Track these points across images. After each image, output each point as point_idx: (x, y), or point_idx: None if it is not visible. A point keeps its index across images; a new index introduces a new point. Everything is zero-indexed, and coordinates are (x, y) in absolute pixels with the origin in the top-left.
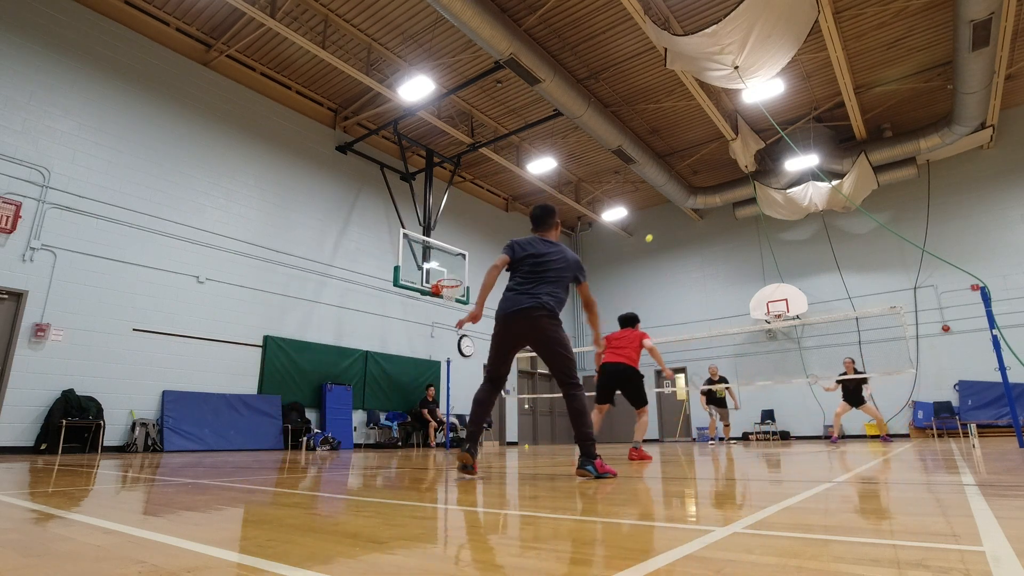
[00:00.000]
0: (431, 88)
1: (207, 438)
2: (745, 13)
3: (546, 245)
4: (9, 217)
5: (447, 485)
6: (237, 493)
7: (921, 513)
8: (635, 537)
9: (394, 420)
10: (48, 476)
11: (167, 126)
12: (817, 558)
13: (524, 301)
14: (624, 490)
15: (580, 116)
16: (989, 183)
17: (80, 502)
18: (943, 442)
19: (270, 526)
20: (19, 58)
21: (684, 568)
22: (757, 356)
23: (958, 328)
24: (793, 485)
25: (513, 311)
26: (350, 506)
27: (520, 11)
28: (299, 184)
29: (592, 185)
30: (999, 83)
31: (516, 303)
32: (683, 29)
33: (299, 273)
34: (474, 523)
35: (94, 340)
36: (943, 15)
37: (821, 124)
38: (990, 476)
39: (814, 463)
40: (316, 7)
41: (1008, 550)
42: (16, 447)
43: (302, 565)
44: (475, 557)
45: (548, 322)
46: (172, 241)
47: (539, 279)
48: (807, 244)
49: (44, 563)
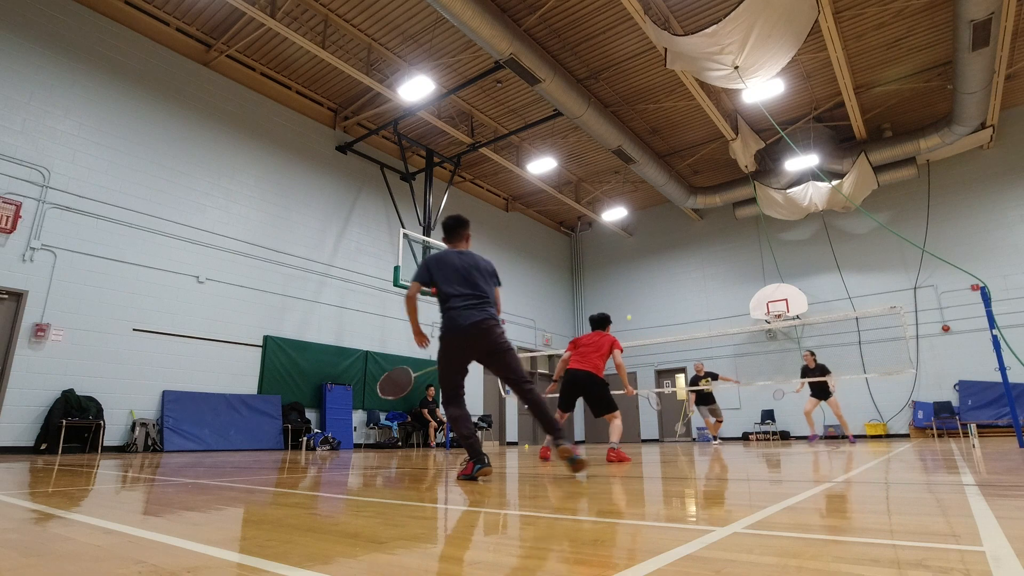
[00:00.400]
0: (431, 88)
1: (207, 438)
2: (745, 13)
3: (461, 256)
4: (9, 217)
5: (447, 485)
6: (237, 493)
7: (921, 513)
8: (635, 537)
9: (394, 420)
10: (48, 476)
11: (167, 126)
12: (817, 558)
13: (474, 315)
14: (624, 490)
15: (580, 116)
16: (989, 183)
17: (80, 502)
18: (943, 442)
19: (270, 526)
20: (19, 58)
21: (684, 568)
22: (757, 356)
23: (958, 328)
24: (793, 485)
25: (468, 325)
26: (350, 506)
27: (520, 11)
28: (299, 184)
29: (592, 185)
30: (999, 83)
31: (468, 318)
32: (683, 29)
33: (299, 273)
34: (474, 523)
35: (94, 340)
36: (943, 15)
37: (821, 124)
38: (990, 476)
39: (814, 463)
40: (316, 7)
41: (1008, 550)
42: (16, 447)
43: (302, 565)
44: (475, 557)
45: (498, 331)
46: (172, 241)
47: (474, 287)
48: (807, 244)
49: (44, 563)
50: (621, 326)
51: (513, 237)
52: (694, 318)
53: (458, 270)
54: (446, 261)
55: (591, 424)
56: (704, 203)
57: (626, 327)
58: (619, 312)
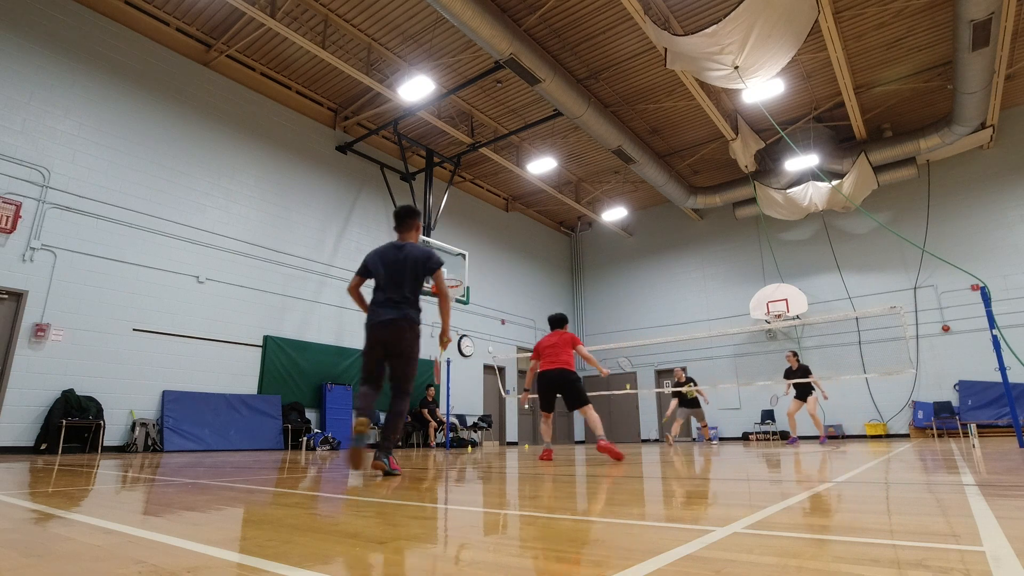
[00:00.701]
0: (431, 88)
1: (207, 438)
2: (745, 13)
3: (397, 251)
4: (9, 217)
5: (447, 485)
6: (237, 493)
7: (921, 513)
8: (635, 537)
9: None
10: (48, 476)
11: (167, 126)
12: (817, 558)
13: (386, 313)
14: (623, 490)
15: (580, 116)
16: (989, 183)
17: (80, 502)
18: (943, 442)
19: (270, 526)
20: (19, 58)
21: (684, 568)
22: (757, 356)
23: (958, 328)
24: (793, 485)
25: (378, 323)
26: (350, 506)
27: (520, 11)
28: (299, 184)
29: (592, 185)
30: (999, 83)
31: (379, 316)
32: (683, 29)
33: (299, 273)
34: (474, 523)
35: (94, 340)
36: (943, 15)
37: (821, 124)
38: (990, 476)
39: (814, 463)
40: (316, 7)
41: (1008, 550)
42: (16, 447)
43: (302, 565)
44: (475, 557)
45: (409, 334)
46: (172, 241)
47: (397, 286)
48: (807, 244)
49: (44, 563)
50: (626, 324)
51: (513, 237)
52: (694, 318)
53: (388, 266)
54: (381, 256)
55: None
56: (704, 203)
57: (627, 327)
58: (619, 312)
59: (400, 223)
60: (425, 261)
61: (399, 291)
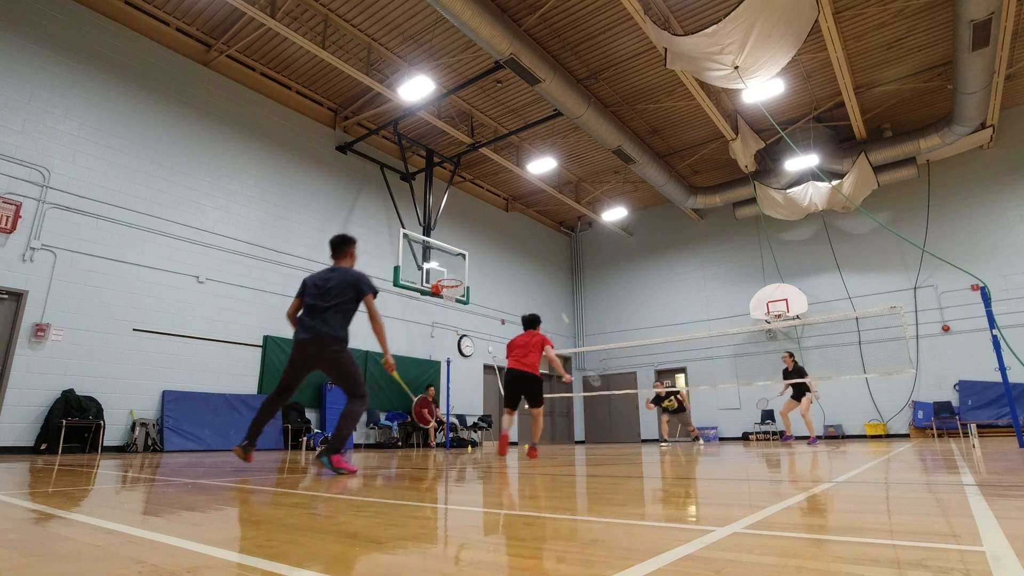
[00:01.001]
0: (431, 88)
1: (207, 438)
2: (745, 13)
3: (328, 273)
4: (9, 217)
5: (447, 485)
6: (237, 493)
7: (921, 513)
8: (635, 537)
9: (394, 420)
10: (48, 476)
11: (167, 126)
12: (817, 558)
13: (304, 333)
14: (623, 490)
15: (580, 116)
16: (989, 183)
17: (80, 502)
18: (943, 442)
19: (270, 526)
20: (19, 58)
21: (684, 568)
22: (757, 356)
23: (958, 328)
24: (793, 485)
25: (301, 340)
26: (350, 506)
27: (520, 11)
28: (299, 184)
29: (592, 185)
30: (999, 83)
31: (298, 335)
32: (683, 29)
33: (299, 273)
34: (474, 523)
35: (94, 340)
36: (943, 15)
37: (821, 124)
38: (990, 476)
39: (814, 463)
40: (316, 7)
41: (1008, 550)
42: (16, 447)
43: (302, 565)
44: (475, 557)
45: (333, 348)
46: (172, 241)
47: (320, 308)
48: (807, 244)
49: (44, 563)
50: (626, 324)
51: (513, 237)
52: (694, 318)
53: (319, 286)
54: (315, 279)
55: (591, 425)
56: (704, 203)
57: (627, 327)
58: (619, 312)
59: (335, 250)
60: (357, 282)
61: (321, 312)
